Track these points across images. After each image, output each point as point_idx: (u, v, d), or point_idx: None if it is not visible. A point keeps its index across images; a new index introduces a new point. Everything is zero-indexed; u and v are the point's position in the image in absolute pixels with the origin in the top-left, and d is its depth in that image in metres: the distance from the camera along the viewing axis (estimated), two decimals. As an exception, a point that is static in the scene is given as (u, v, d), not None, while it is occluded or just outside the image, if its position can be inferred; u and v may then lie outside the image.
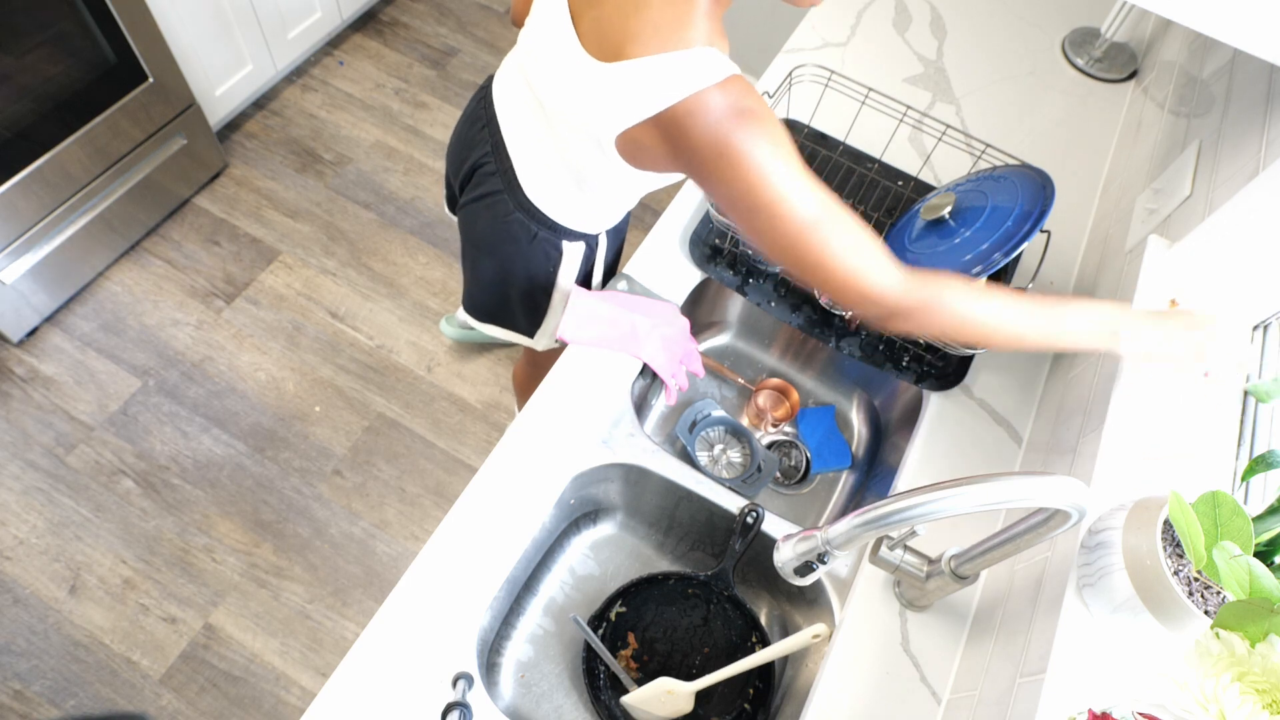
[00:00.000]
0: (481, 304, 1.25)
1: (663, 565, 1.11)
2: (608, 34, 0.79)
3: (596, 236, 1.11)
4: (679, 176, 0.94)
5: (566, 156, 0.94)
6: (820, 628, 0.91)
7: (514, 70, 1.00)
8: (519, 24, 1.06)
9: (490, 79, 1.09)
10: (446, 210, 1.37)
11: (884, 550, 0.85)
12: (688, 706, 0.96)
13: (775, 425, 1.25)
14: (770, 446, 1.23)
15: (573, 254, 1.10)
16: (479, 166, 1.09)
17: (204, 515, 1.76)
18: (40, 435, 1.81)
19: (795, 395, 1.26)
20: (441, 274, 2.16)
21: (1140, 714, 0.60)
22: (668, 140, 0.79)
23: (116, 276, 2.03)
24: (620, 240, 1.19)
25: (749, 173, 0.74)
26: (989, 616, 0.89)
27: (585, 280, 1.17)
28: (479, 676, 0.86)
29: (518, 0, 1.07)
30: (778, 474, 1.21)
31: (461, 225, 1.18)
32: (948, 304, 0.79)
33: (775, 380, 1.27)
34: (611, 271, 1.22)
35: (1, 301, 1.78)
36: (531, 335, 1.25)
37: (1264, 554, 0.63)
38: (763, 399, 1.27)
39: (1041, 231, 1.13)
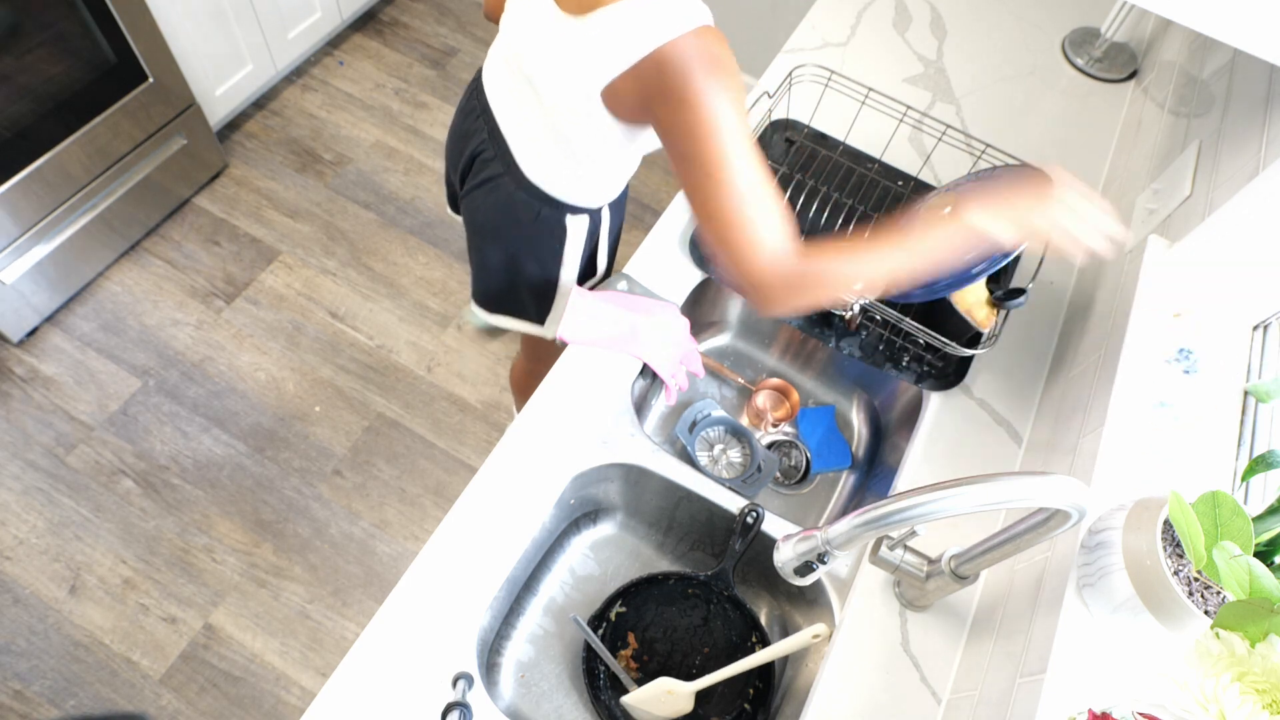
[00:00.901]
0: (491, 293, 1.25)
1: (663, 565, 1.11)
2: None
3: (599, 211, 1.12)
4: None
5: (558, 127, 0.95)
6: (820, 628, 0.91)
7: (500, 54, 1.02)
8: (494, 19, 1.08)
9: (480, 71, 1.10)
10: (448, 210, 1.37)
11: (884, 550, 0.85)
12: (688, 706, 0.96)
13: (775, 425, 1.25)
14: (770, 446, 1.23)
15: (577, 230, 1.11)
16: (478, 154, 1.10)
17: (204, 515, 1.76)
18: (40, 435, 1.81)
19: (795, 395, 1.26)
20: (441, 274, 2.16)
21: (1140, 714, 0.60)
22: (642, 87, 0.80)
23: (116, 276, 2.04)
24: (622, 215, 1.19)
25: (702, 125, 0.76)
26: (989, 616, 0.89)
27: (591, 257, 1.17)
28: (479, 676, 0.86)
29: None
30: (778, 474, 1.21)
31: (465, 215, 1.19)
32: (829, 273, 0.80)
33: (775, 380, 1.27)
34: (615, 247, 1.22)
35: (1, 301, 1.78)
36: (541, 322, 1.25)
37: (1264, 554, 0.63)
38: (763, 399, 1.27)
39: (1041, 231, 1.13)
